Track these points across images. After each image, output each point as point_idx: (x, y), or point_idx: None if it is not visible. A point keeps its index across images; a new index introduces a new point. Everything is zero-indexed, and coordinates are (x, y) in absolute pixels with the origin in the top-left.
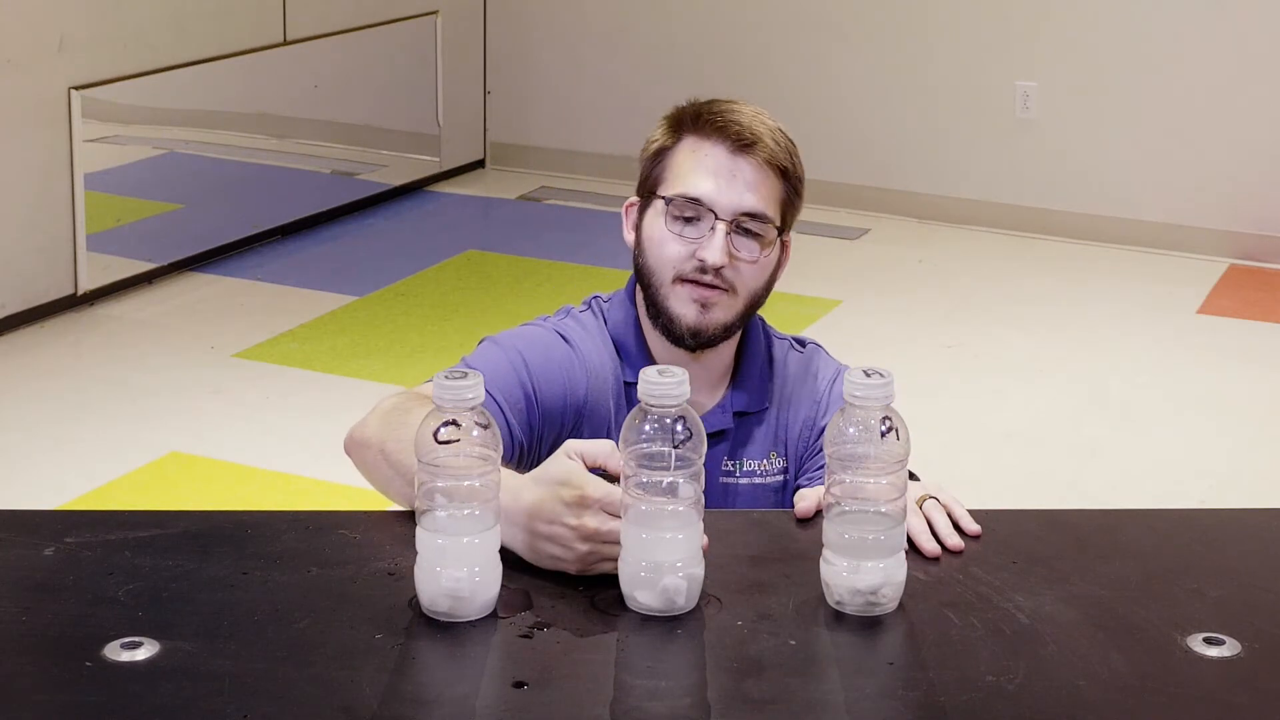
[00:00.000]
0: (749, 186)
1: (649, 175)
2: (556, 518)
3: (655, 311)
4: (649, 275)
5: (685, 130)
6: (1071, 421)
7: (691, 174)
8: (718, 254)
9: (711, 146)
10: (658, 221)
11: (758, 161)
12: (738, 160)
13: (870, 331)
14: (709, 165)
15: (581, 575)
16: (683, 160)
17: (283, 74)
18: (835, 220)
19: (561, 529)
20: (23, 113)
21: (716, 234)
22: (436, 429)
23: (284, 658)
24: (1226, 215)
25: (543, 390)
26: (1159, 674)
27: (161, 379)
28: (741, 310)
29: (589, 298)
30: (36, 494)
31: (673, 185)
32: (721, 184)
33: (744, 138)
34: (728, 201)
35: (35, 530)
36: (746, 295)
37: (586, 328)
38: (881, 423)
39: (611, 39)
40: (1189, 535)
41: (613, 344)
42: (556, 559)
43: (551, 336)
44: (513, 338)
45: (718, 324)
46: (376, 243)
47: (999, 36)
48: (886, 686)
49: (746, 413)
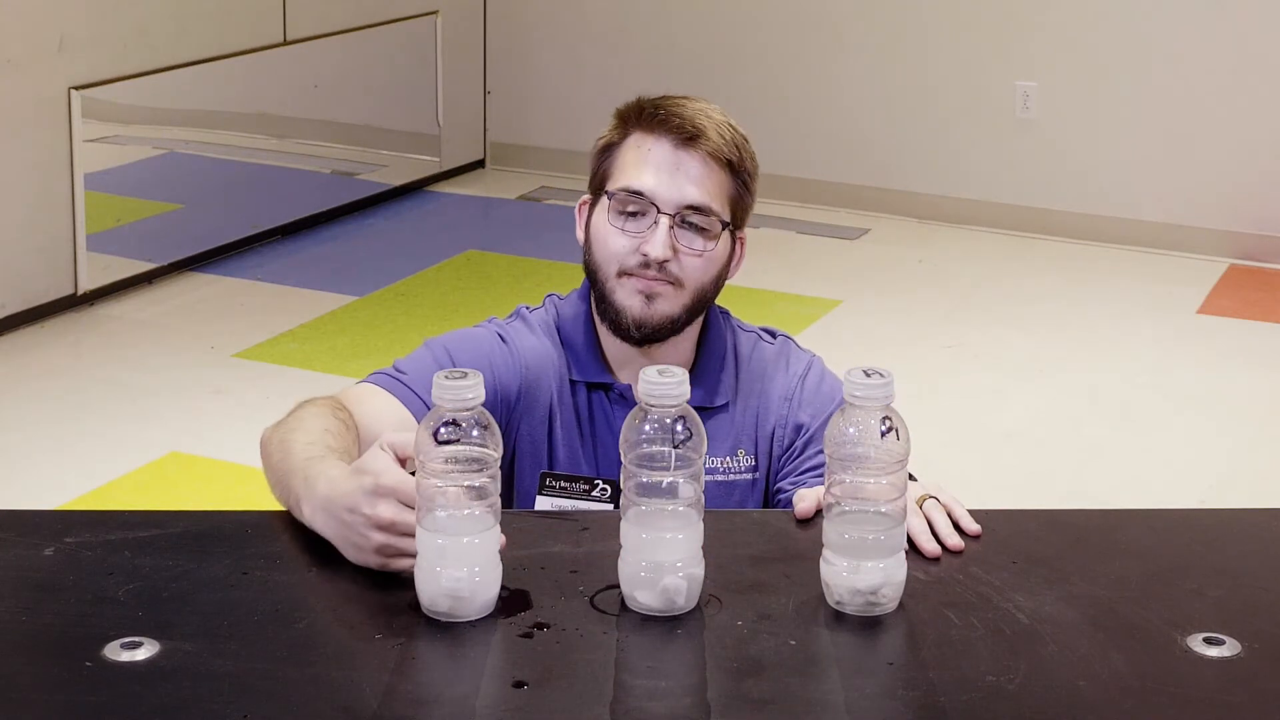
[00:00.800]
0: (692, 180)
1: (597, 171)
2: (355, 506)
3: (603, 307)
4: (595, 270)
5: (631, 125)
6: (1071, 421)
7: (635, 168)
8: (660, 248)
9: (655, 141)
10: (602, 216)
11: (702, 155)
12: (681, 154)
13: (870, 331)
14: (653, 159)
15: (385, 570)
16: (628, 155)
17: (283, 74)
18: (835, 220)
19: (358, 518)
20: (23, 113)
21: (659, 228)
22: (436, 429)
23: (284, 658)
24: (1226, 215)
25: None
26: (1159, 674)
27: (161, 379)
28: (688, 304)
29: (547, 295)
30: (36, 494)
31: (617, 180)
32: (664, 178)
33: (687, 130)
34: (670, 195)
35: (35, 530)
36: (693, 289)
37: (533, 326)
38: (881, 423)
39: (611, 39)
40: (1189, 535)
41: (560, 343)
42: (358, 549)
43: (486, 334)
44: (445, 338)
45: (663, 316)
46: (376, 243)
47: (999, 36)
48: (886, 686)
49: (704, 408)
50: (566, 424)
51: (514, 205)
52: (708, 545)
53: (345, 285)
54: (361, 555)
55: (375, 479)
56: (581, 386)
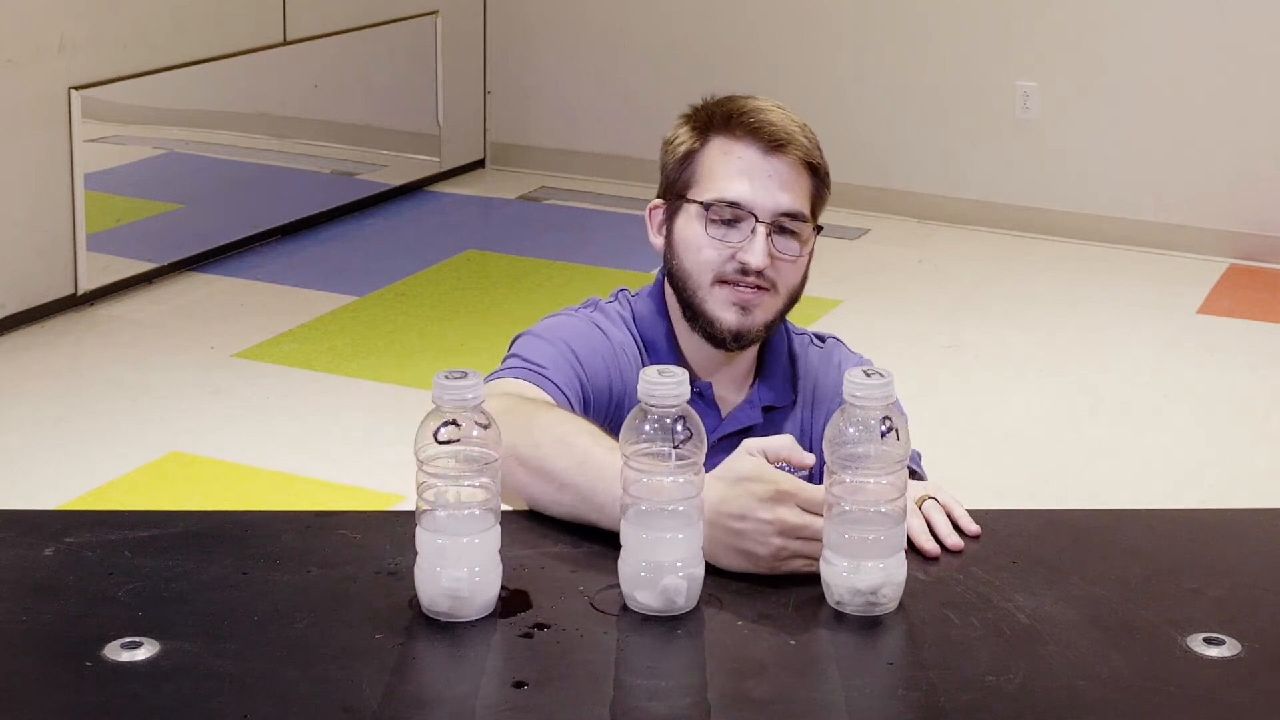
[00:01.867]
0: (784, 186)
1: (677, 178)
2: (749, 513)
3: (693, 314)
4: (684, 279)
5: (713, 131)
6: (1071, 421)
7: (725, 177)
8: (760, 256)
9: (744, 148)
10: (693, 225)
11: (791, 160)
12: (771, 161)
13: (870, 331)
14: (742, 167)
15: (772, 573)
16: (714, 162)
17: (283, 74)
18: (835, 220)
19: (754, 524)
20: (23, 113)
21: (757, 237)
22: (436, 429)
23: (284, 658)
24: (1226, 215)
25: (591, 381)
26: (1159, 674)
27: (161, 379)
28: (781, 308)
29: (617, 290)
30: (36, 494)
31: (706, 189)
32: (758, 186)
33: (777, 138)
34: (766, 203)
35: (35, 530)
36: (786, 292)
37: (613, 321)
38: (881, 423)
39: (611, 39)
40: (1189, 535)
41: (637, 339)
42: (747, 554)
43: (590, 327)
44: (553, 329)
45: (759, 324)
46: (376, 243)
47: (999, 36)
48: (886, 686)
49: (774, 407)
50: None
51: (514, 205)
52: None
53: (345, 285)
54: (746, 561)
55: (775, 486)
56: None
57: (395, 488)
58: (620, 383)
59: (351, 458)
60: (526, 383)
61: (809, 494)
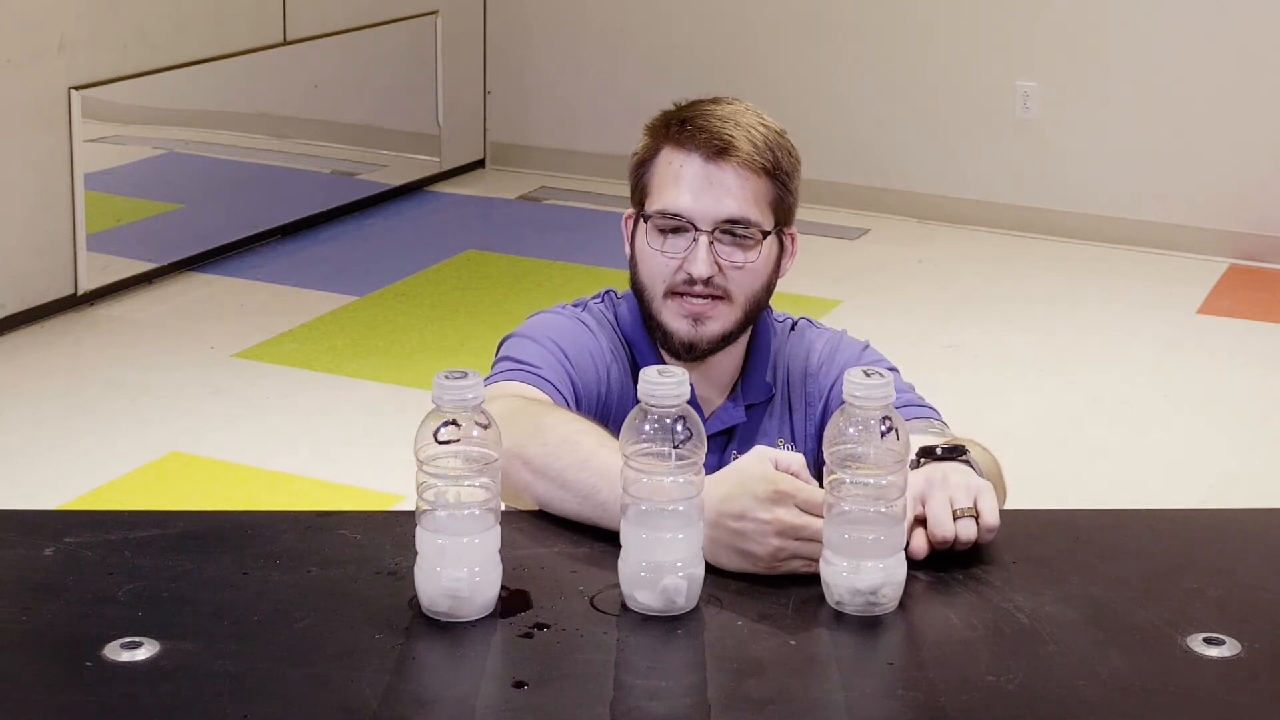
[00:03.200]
0: (728, 193)
1: (635, 188)
2: (748, 513)
3: (652, 325)
4: (641, 291)
5: (662, 141)
6: (1071, 421)
7: (669, 187)
8: (702, 266)
9: (686, 156)
10: (643, 237)
11: (735, 166)
12: (713, 168)
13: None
14: (685, 176)
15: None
16: (661, 173)
17: (283, 74)
18: (835, 220)
19: (752, 524)
20: (23, 113)
21: (699, 246)
22: (436, 429)
23: (284, 658)
24: (1226, 215)
25: (581, 379)
26: (1159, 674)
27: (161, 379)
28: (740, 317)
29: (604, 290)
30: (36, 494)
31: (654, 200)
32: (699, 194)
33: (715, 144)
34: (706, 212)
35: (35, 530)
36: (743, 301)
37: (599, 320)
38: (881, 423)
39: (611, 39)
40: (1189, 535)
41: (622, 339)
42: (745, 554)
43: (577, 325)
44: (541, 328)
45: (714, 335)
46: (376, 243)
47: (999, 36)
48: (886, 686)
49: (755, 403)
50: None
51: (514, 205)
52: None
53: (345, 285)
54: (745, 560)
55: (775, 486)
56: None
57: (395, 488)
58: (606, 381)
59: (351, 458)
60: (523, 384)
61: (808, 495)
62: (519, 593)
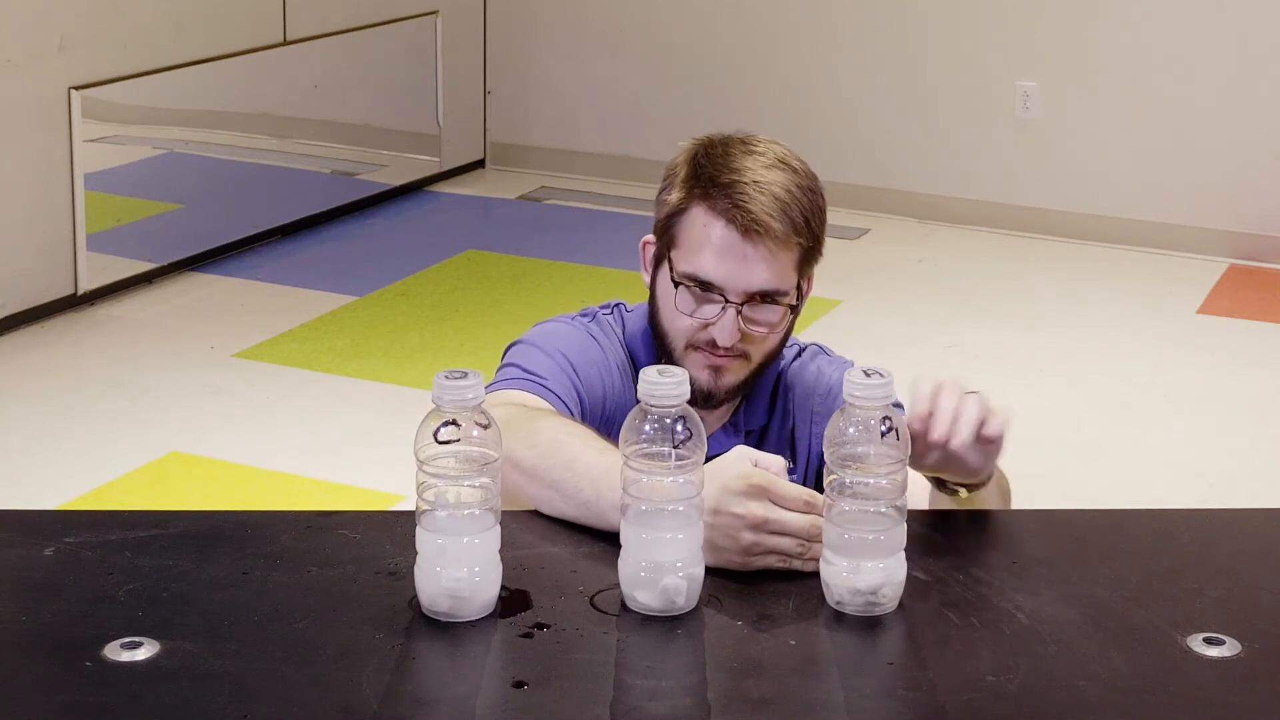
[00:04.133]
0: (761, 265)
1: (664, 228)
2: (721, 507)
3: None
4: (661, 335)
5: (697, 197)
6: (1071, 421)
7: (701, 253)
8: (728, 337)
9: (722, 227)
10: (669, 289)
11: (770, 242)
12: (747, 245)
13: (870, 331)
14: (718, 246)
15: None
16: (693, 233)
17: (283, 74)
18: (835, 220)
19: (726, 518)
20: (23, 113)
21: (726, 316)
22: (436, 429)
23: (284, 658)
24: (1226, 215)
25: (587, 390)
26: (1159, 674)
27: (161, 379)
28: (755, 370)
29: (613, 302)
30: (36, 494)
31: (683, 258)
32: (732, 267)
33: (755, 225)
34: (737, 284)
35: (35, 530)
36: (760, 357)
37: (606, 333)
38: (881, 423)
39: (611, 39)
40: (1189, 535)
41: (628, 354)
42: (718, 549)
43: (585, 337)
44: (549, 339)
45: (731, 386)
46: (376, 243)
47: (999, 36)
48: (886, 686)
49: (753, 430)
50: None
51: (514, 205)
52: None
53: (345, 285)
54: (719, 555)
55: (748, 480)
56: None
57: (395, 488)
58: (611, 393)
59: (351, 458)
60: (527, 393)
61: (783, 490)
62: (519, 593)
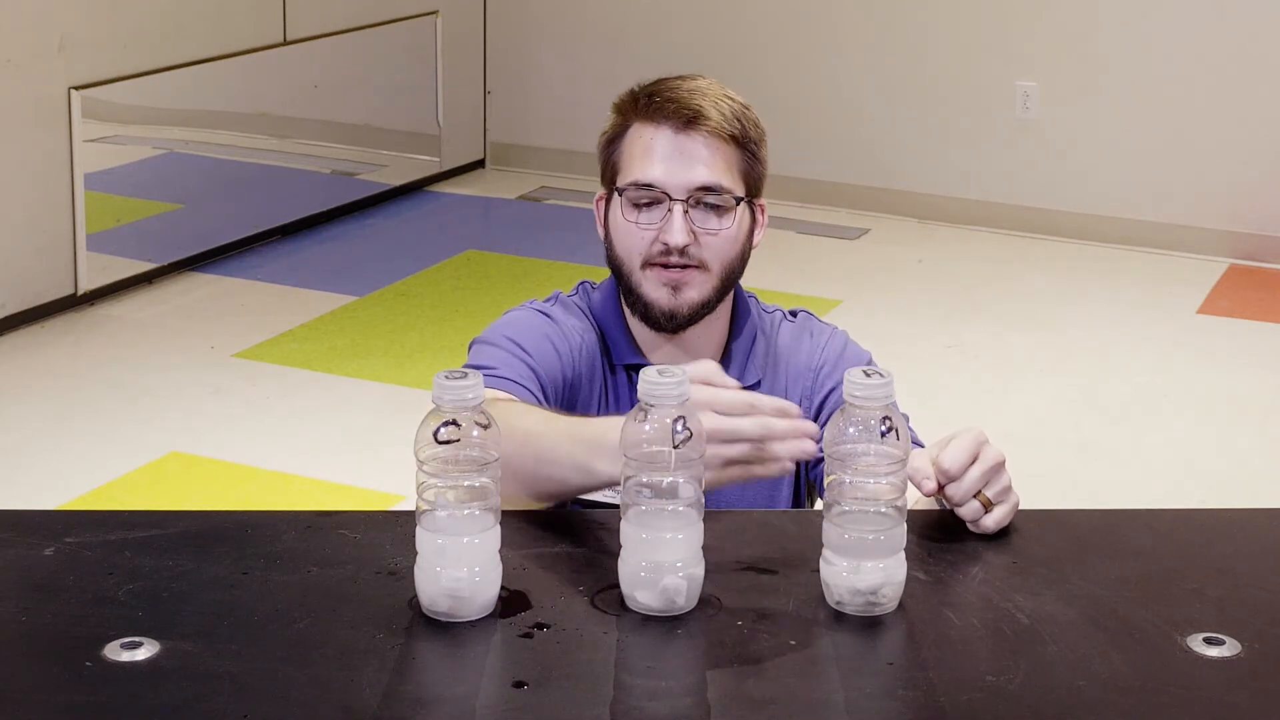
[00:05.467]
0: (700, 160)
1: (606, 166)
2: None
3: (632, 299)
4: (619, 265)
5: (630, 116)
6: (1072, 421)
7: (641, 159)
8: (678, 235)
9: (656, 129)
10: (618, 212)
11: (705, 135)
12: (684, 138)
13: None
14: (657, 148)
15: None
16: (632, 147)
17: (283, 74)
18: (835, 220)
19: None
20: (23, 113)
21: (674, 215)
22: (436, 429)
23: (284, 658)
24: (1226, 215)
25: (542, 364)
26: (1159, 674)
27: (161, 379)
28: (717, 284)
29: (579, 283)
30: (36, 494)
31: (626, 174)
32: (671, 164)
33: (685, 114)
34: (679, 181)
35: (35, 530)
36: (720, 268)
37: (569, 309)
38: (881, 423)
39: (611, 39)
40: (1189, 535)
41: (595, 326)
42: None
43: (532, 316)
44: (499, 329)
45: (693, 303)
46: (376, 243)
47: (999, 36)
48: (886, 686)
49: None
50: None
51: (514, 205)
52: (708, 545)
53: (345, 285)
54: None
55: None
56: (621, 369)
57: (395, 488)
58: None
59: (351, 458)
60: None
61: (723, 399)
62: (519, 593)
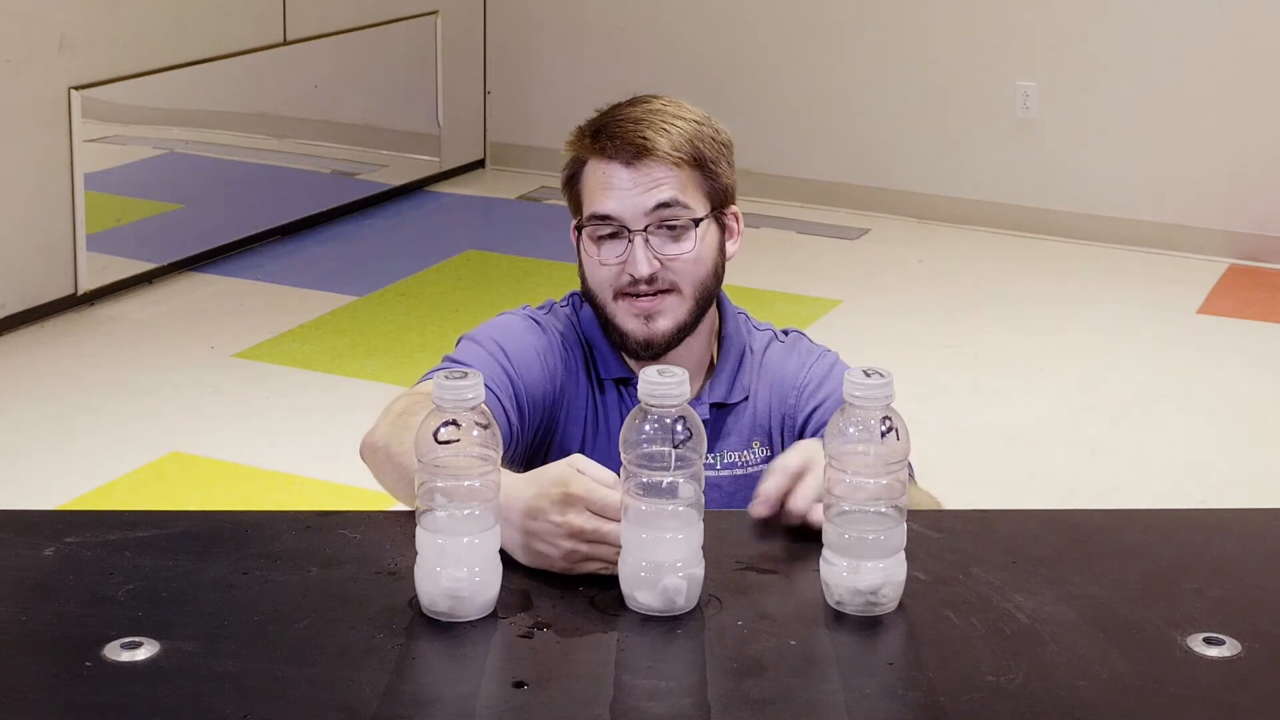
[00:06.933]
0: (653, 185)
1: (569, 202)
2: (542, 514)
3: (609, 330)
4: (592, 299)
5: (585, 153)
6: (1072, 421)
7: (598, 193)
8: (642, 266)
9: (608, 165)
10: (586, 247)
11: (655, 163)
12: (634, 171)
13: (870, 331)
14: (611, 182)
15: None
16: (589, 182)
17: (283, 74)
18: (835, 220)
19: (547, 525)
20: (23, 113)
21: (635, 246)
22: (436, 429)
23: (284, 658)
24: (1226, 215)
25: (525, 376)
26: (1159, 674)
27: (161, 379)
28: (692, 306)
29: (570, 293)
30: (36, 494)
31: (586, 209)
32: (624, 196)
33: (632, 149)
34: (634, 210)
35: (35, 530)
36: (692, 289)
37: (560, 320)
38: (881, 423)
39: (611, 39)
40: (1189, 535)
41: (583, 340)
42: (542, 555)
43: (526, 323)
44: (488, 329)
45: (667, 330)
46: (376, 243)
47: (999, 36)
48: (886, 686)
49: (724, 404)
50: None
51: (514, 205)
52: (708, 545)
53: (345, 285)
54: (542, 560)
55: (565, 489)
56: (609, 384)
57: None
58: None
59: (352, 458)
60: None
61: (600, 497)
62: (519, 593)
